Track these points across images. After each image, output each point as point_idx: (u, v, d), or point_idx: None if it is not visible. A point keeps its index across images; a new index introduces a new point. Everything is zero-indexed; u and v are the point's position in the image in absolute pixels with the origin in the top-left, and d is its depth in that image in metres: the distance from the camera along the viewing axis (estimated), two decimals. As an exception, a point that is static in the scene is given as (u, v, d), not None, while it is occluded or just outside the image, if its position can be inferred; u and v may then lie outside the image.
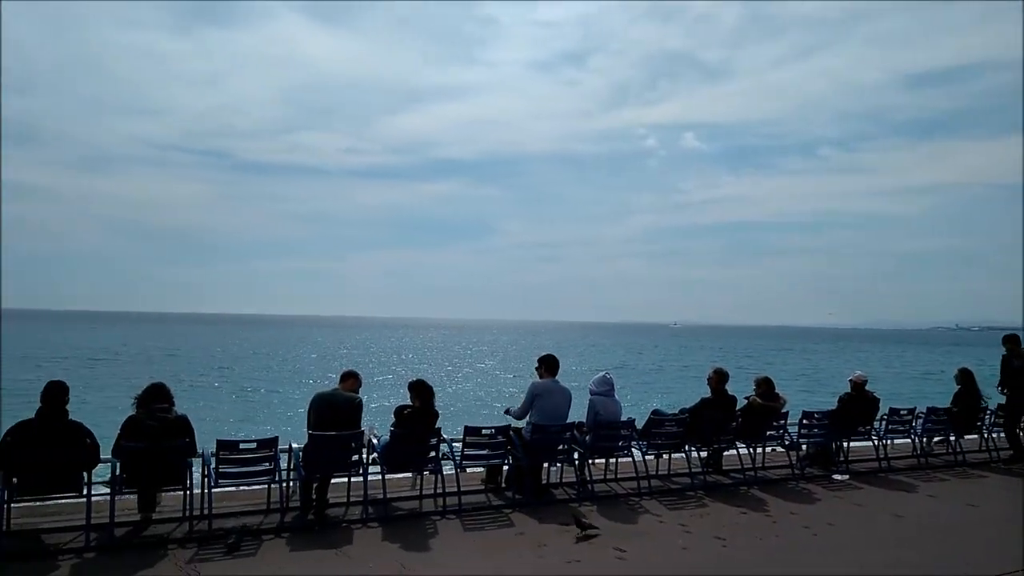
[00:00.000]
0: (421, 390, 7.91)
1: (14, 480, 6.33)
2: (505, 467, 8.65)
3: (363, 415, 7.78)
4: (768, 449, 10.42)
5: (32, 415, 6.43)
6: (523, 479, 8.35)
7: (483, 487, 8.63)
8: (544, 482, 8.76)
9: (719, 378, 9.66)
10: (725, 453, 10.04)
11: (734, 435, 9.75)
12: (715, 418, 9.47)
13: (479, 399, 35.17)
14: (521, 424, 8.68)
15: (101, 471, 6.78)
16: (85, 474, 6.55)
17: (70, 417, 6.53)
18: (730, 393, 9.73)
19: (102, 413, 6.78)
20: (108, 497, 6.64)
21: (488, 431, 8.27)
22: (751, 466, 9.72)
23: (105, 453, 6.69)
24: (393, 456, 7.80)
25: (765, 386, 9.98)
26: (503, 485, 8.69)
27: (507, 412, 8.92)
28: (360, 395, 7.95)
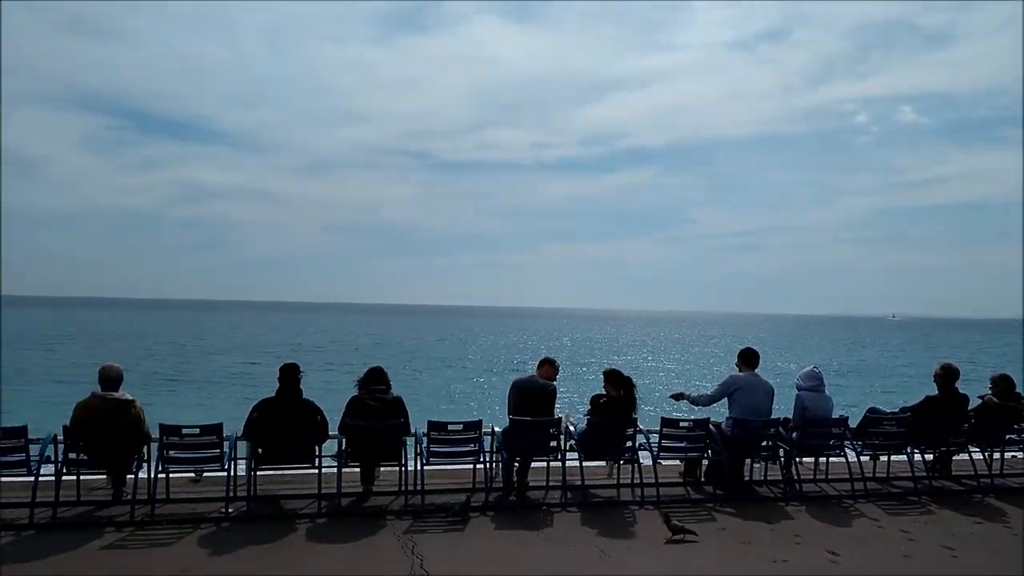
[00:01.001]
0: (617, 379, 7.93)
1: (259, 451, 7.19)
2: (704, 461, 8.44)
3: (556, 402, 7.96)
4: (1008, 455, 9.28)
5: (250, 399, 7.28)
6: (723, 474, 8.10)
7: (681, 480, 8.48)
8: (747, 479, 8.44)
9: (947, 375, 8.71)
10: (955, 457, 9.07)
11: (966, 438, 8.77)
12: (943, 418, 8.58)
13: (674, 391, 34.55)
14: (722, 419, 8.43)
15: (329, 446, 7.51)
16: (316, 448, 7.29)
17: (304, 396, 7.30)
18: (961, 392, 8.75)
19: (327, 393, 7.51)
20: (335, 470, 7.33)
21: (686, 424, 8.11)
22: (987, 472, 8.70)
23: (332, 430, 7.41)
24: (589, 444, 7.89)
25: (1003, 384, 8.88)
26: (702, 479, 8.49)
27: (679, 397, 8.71)
28: (555, 382, 8.12)
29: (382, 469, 7.94)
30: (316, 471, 7.27)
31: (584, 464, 7.84)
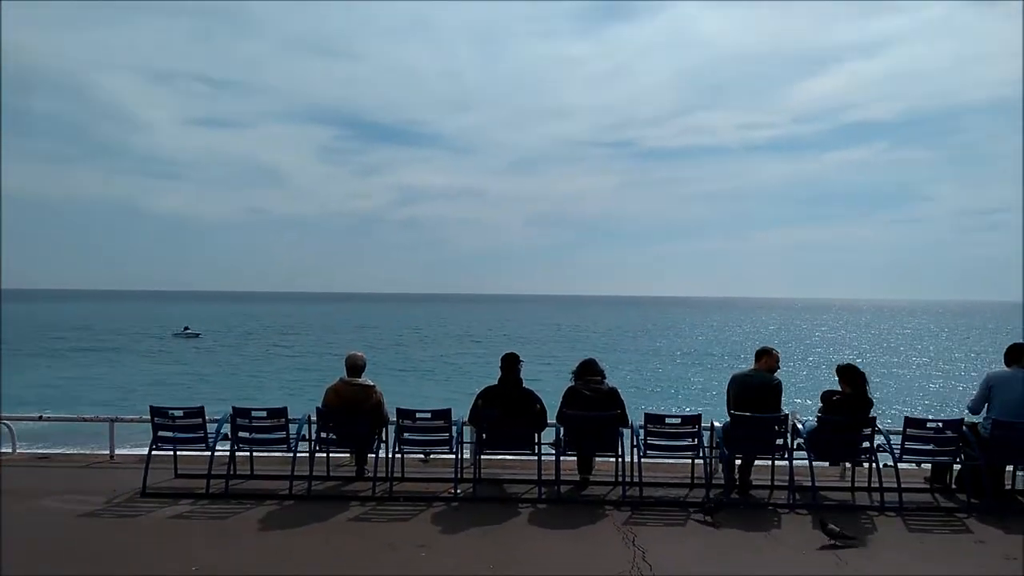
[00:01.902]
0: (852, 376, 7.33)
1: (483, 436, 7.54)
2: (956, 466, 7.57)
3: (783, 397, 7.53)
4: None
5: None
6: (980, 481, 7.21)
7: (927, 486, 7.68)
8: (1008, 487, 7.46)
9: None
10: None
11: None
12: None
13: (922, 389, 31.39)
14: (977, 419, 7.50)
15: (547, 434, 7.69)
16: (536, 436, 7.50)
17: (524, 385, 7.54)
18: None
19: (534, 383, 7.70)
20: (554, 458, 7.50)
21: (934, 424, 7.31)
22: None
23: (550, 418, 7.58)
24: (820, 443, 7.37)
25: None
26: (952, 486, 7.63)
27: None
28: (776, 376, 7.68)
29: (598, 459, 8.00)
30: (536, 458, 7.48)
31: (814, 464, 7.36)
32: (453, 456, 7.62)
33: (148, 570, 5.40)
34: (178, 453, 8.01)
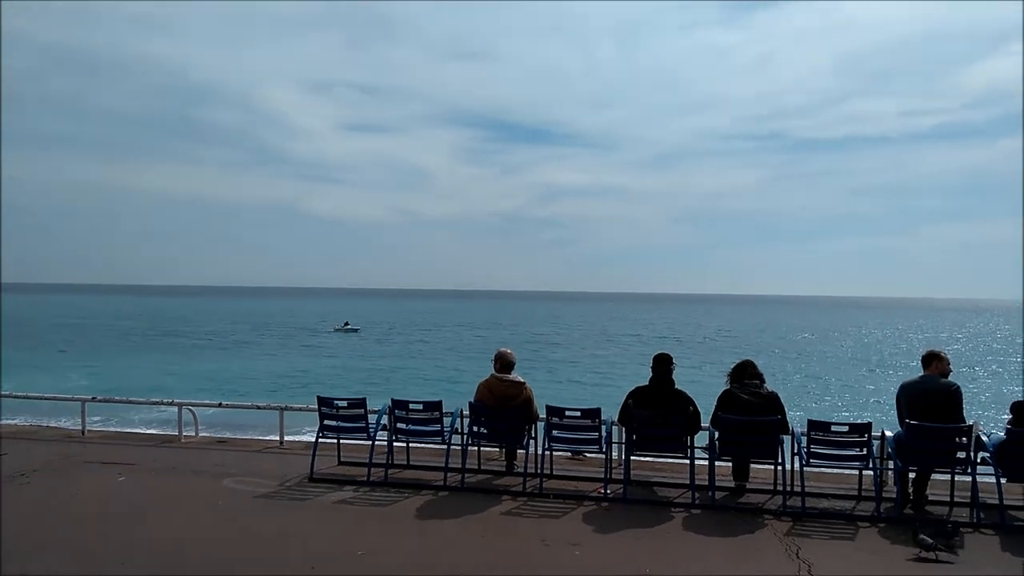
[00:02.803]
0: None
1: (633, 437, 7.43)
2: None
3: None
4: None
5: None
6: None
7: None
8: None
9: None
10: None
11: None
12: None
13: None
14: None
15: (699, 438, 7.46)
16: (688, 439, 7.29)
17: (676, 386, 7.35)
18: None
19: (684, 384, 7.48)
20: (707, 462, 7.26)
21: None
22: None
23: (704, 422, 7.35)
24: (1011, 458, 6.67)
25: None
26: None
27: None
28: (954, 382, 7.04)
29: (754, 466, 7.67)
30: (687, 462, 7.28)
31: (1002, 482, 6.69)
32: (603, 456, 7.57)
33: (320, 549, 5.74)
34: (341, 441, 8.47)
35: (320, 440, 8.07)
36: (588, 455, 8.64)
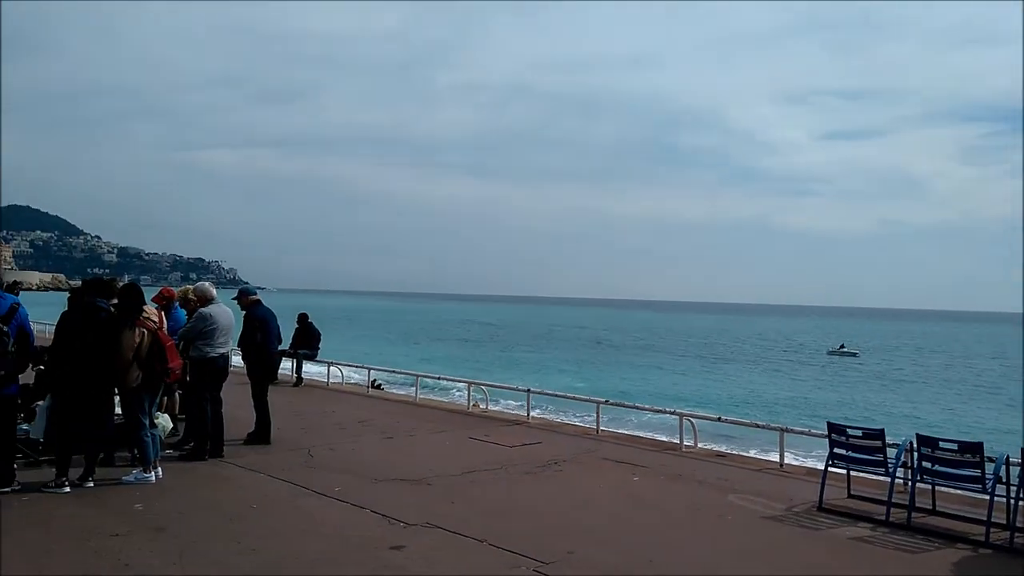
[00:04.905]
0: None
1: None
2: None
3: None
4: None
5: None
6: None
7: None
8: None
9: None
10: None
11: None
12: None
13: None
14: None
15: None
16: None
17: None
18: None
19: None
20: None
21: None
22: None
23: None
24: None
25: None
26: None
27: None
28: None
29: None
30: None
31: None
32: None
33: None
34: (851, 473, 7.87)
35: (828, 468, 7.62)
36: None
